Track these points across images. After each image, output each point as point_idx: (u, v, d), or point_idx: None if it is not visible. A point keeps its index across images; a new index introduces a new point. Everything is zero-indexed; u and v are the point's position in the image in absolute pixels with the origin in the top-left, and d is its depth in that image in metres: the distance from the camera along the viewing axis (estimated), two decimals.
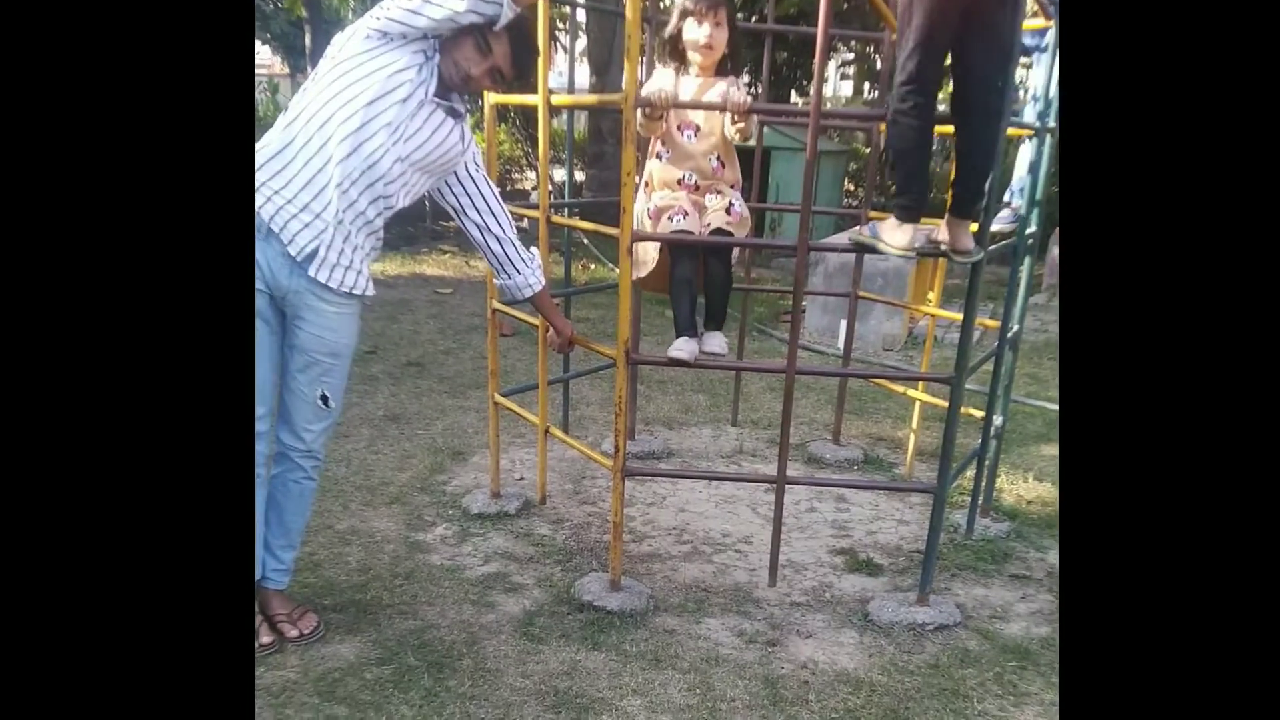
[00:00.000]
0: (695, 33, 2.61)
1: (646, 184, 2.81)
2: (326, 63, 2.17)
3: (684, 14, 2.63)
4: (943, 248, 2.46)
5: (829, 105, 11.57)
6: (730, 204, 2.71)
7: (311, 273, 2.17)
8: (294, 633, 2.41)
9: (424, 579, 2.79)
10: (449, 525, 3.19)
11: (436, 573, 2.84)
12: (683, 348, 2.63)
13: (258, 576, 2.43)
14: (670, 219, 2.64)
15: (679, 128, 2.71)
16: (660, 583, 2.86)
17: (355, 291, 2.27)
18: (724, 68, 2.71)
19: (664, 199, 2.71)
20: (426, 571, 2.84)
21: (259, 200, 2.11)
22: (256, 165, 2.13)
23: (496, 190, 2.54)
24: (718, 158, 2.73)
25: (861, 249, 2.51)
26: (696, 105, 2.62)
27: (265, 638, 2.37)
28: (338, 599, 2.64)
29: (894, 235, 2.39)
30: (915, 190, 2.38)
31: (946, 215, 2.43)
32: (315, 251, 2.15)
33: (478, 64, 2.23)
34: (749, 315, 4.77)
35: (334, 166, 2.11)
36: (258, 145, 2.15)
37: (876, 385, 4.76)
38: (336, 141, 2.11)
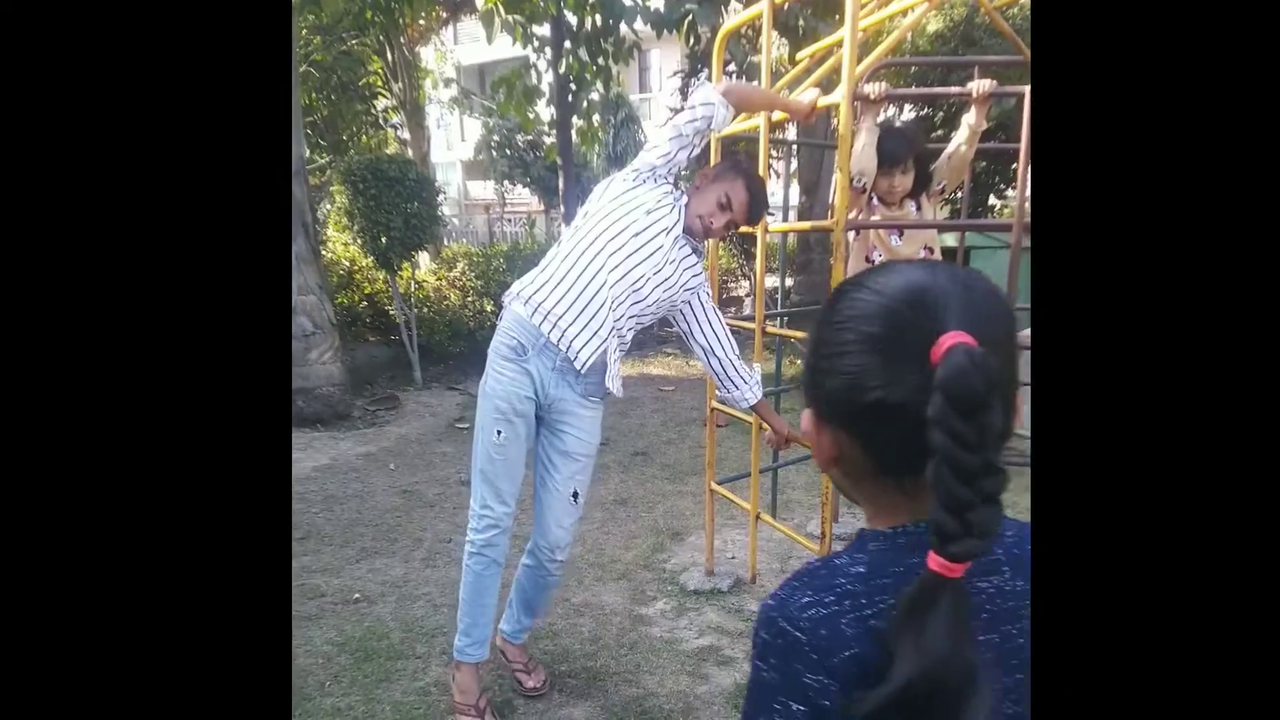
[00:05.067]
0: (884, 181, 2.67)
1: None
2: (595, 203, 2.28)
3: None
4: None
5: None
6: None
7: (585, 381, 2.25)
8: (530, 682, 2.48)
9: (645, 650, 2.76)
10: (668, 600, 3.15)
11: (657, 644, 2.80)
12: None
13: (507, 632, 2.56)
14: None
15: (888, 231, 2.78)
16: None
17: (614, 392, 2.30)
18: (914, 192, 2.78)
19: None
20: (648, 643, 2.81)
21: (544, 327, 2.17)
22: (536, 290, 2.20)
23: (721, 315, 2.52)
24: (925, 247, 2.84)
25: None
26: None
27: (530, 682, 2.50)
28: (571, 665, 2.66)
29: None
30: None
31: None
32: (595, 361, 2.20)
33: (719, 217, 2.28)
34: None
35: (608, 290, 2.17)
36: (535, 277, 2.23)
37: None
38: (610, 269, 2.17)
